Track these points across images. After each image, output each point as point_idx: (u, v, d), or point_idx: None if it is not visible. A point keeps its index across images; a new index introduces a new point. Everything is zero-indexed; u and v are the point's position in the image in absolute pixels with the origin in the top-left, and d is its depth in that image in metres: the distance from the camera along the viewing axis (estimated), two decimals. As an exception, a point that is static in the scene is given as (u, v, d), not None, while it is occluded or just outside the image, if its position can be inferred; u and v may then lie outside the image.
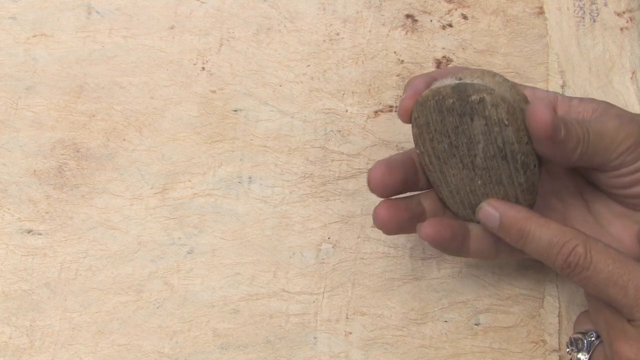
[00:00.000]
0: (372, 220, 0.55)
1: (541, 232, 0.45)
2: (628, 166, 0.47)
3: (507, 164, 0.47)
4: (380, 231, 0.55)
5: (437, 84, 0.47)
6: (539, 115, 0.44)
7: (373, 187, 0.49)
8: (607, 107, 0.49)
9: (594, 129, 0.47)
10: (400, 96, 0.58)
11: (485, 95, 0.45)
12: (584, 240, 0.44)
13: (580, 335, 0.48)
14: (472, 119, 0.46)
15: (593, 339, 0.48)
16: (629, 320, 0.44)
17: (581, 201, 0.51)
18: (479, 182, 0.48)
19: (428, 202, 0.51)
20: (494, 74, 0.46)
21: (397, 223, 0.49)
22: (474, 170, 0.47)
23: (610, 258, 0.44)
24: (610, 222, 0.50)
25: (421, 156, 0.49)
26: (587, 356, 0.47)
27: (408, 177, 0.50)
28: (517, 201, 0.48)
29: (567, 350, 0.49)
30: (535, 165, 0.47)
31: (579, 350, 0.48)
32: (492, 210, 0.47)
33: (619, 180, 0.48)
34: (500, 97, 0.45)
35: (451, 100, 0.46)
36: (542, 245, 0.45)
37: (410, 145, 0.56)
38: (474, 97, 0.45)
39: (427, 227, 0.49)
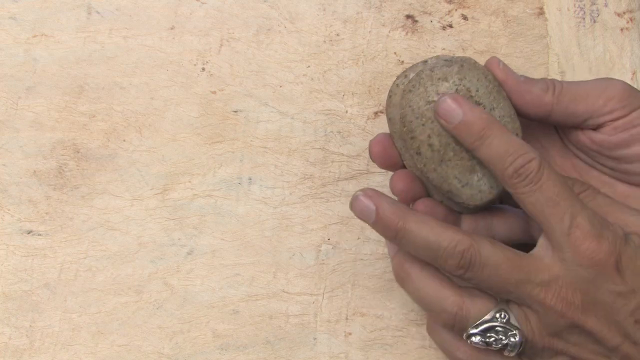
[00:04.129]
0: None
1: (501, 138, 0.46)
2: (620, 118, 0.48)
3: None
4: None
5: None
6: (493, 63, 0.49)
7: (374, 158, 0.51)
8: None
9: (571, 83, 0.49)
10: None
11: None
12: (540, 156, 0.45)
13: (491, 324, 0.47)
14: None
15: (506, 318, 0.46)
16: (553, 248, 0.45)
17: None
18: None
19: None
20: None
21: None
22: None
23: (559, 182, 0.44)
24: None
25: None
26: (518, 333, 0.46)
27: None
28: None
29: (485, 340, 0.47)
30: None
31: (506, 336, 0.46)
32: (453, 104, 0.47)
33: (618, 136, 0.48)
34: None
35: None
36: (498, 151, 0.46)
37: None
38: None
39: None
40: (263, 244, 0.56)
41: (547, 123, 0.51)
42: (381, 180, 0.57)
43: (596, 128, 0.49)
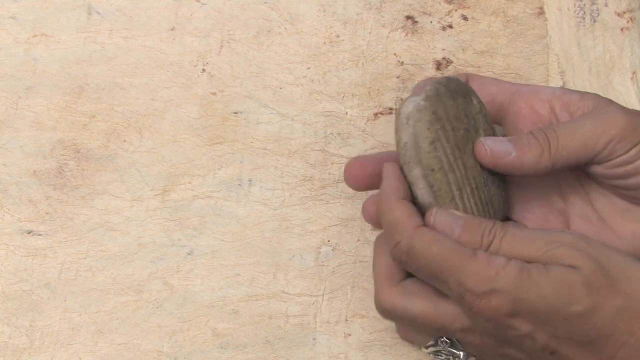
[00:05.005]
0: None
1: (387, 214, 0.47)
2: (619, 156, 0.47)
3: None
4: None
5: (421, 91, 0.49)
6: (480, 151, 0.48)
7: (349, 181, 0.51)
8: (607, 104, 0.49)
9: (566, 131, 0.48)
10: (400, 98, 0.58)
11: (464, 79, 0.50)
12: (407, 237, 0.45)
13: (435, 349, 0.49)
14: (470, 99, 0.49)
15: (448, 343, 0.49)
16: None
17: (584, 197, 0.51)
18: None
19: None
20: None
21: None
22: None
23: (432, 258, 0.44)
24: (614, 218, 0.50)
25: (443, 157, 0.48)
26: (462, 355, 0.49)
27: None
28: None
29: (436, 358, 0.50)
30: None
31: (453, 357, 0.49)
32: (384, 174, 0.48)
33: (614, 171, 0.48)
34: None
35: (453, 84, 0.48)
36: (385, 228, 0.47)
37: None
38: (459, 81, 0.49)
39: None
40: (263, 245, 0.56)
41: None
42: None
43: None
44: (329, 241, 0.56)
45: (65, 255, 0.55)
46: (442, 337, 0.48)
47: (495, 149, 0.48)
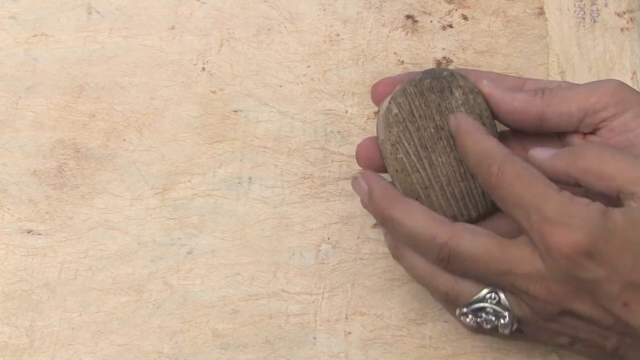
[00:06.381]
0: (371, 221, 0.56)
1: (475, 146, 0.47)
2: (613, 118, 0.48)
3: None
4: (380, 232, 0.55)
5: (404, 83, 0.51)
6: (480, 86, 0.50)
7: (360, 162, 0.53)
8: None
9: (559, 89, 0.50)
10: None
11: (452, 70, 0.51)
12: (499, 161, 0.45)
13: (481, 305, 0.47)
14: (451, 92, 0.50)
15: (496, 299, 0.47)
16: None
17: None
18: None
19: None
20: None
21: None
22: None
23: (520, 181, 0.44)
24: None
25: (405, 159, 0.50)
26: (508, 315, 0.46)
27: None
28: None
29: (476, 320, 0.47)
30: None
31: (496, 317, 0.47)
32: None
33: (609, 142, 0.48)
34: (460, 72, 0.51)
35: (428, 80, 0.50)
36: (474, 160, 0.47)
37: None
38: (445, 73, 0.50)
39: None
40: (263, 244, 0.56)
41: (543, 131, 0.51)
42: (381, 180, 0.57)
43: (593, 131, 0.49)
44: (329, 239, 0.56)
45: (65, 254, 0.55)
46: (494, 290, 0.46)
47: (492, 83, 0.50)
